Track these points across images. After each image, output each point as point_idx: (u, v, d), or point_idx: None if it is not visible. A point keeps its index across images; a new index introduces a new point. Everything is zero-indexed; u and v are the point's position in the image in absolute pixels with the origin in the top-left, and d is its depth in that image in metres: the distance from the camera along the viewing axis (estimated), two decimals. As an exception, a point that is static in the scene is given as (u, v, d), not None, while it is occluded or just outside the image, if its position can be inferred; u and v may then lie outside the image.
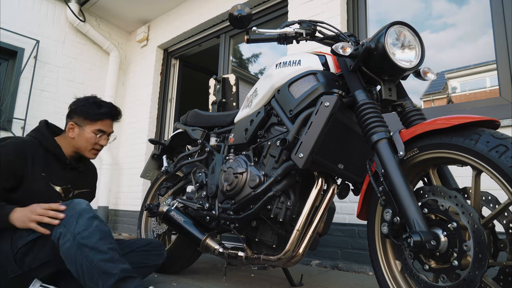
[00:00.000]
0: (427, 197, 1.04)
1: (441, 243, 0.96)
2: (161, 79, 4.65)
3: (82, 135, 1.61)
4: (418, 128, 1.07)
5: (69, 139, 1.61)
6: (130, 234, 4.01)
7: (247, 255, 1.47)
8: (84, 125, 1.62)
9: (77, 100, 1.66)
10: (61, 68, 4.41)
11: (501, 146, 0.87)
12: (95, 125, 1.63)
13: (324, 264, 2.46)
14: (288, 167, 1.34)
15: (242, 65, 5.52)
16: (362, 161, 1.37)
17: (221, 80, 2.90)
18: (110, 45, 4.75)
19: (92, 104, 1.64)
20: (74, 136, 1.61)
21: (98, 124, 1.64)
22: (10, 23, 3.97)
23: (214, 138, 1.94)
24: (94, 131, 1.63)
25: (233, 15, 1.38)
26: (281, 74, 1.48)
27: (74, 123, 1.62)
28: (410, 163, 1.11)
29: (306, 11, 2.97)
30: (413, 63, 1.21)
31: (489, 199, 0.99)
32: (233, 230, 1.58)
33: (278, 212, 1.37)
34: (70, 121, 1.63)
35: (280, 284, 1.86)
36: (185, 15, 4.25)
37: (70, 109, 1.65)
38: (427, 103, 7.21)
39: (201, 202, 1.74)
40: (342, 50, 1.20)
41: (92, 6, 4.54)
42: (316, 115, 1.24)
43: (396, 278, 1.16)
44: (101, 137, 1.66)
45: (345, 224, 2.43)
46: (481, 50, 2.37)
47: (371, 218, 1.23)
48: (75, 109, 1.63)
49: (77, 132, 1.61)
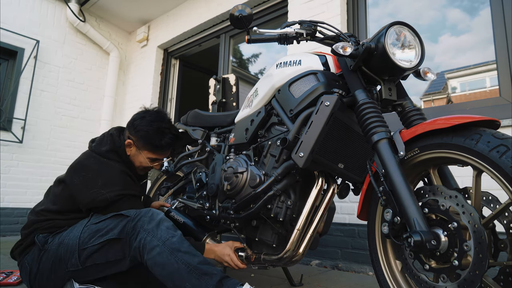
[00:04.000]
0: (428, 197, 1.04)
1: (441, 243, 0.96)
2: (161, 79, 4.65)
3: (137, 157, 1.62)
4: (418, 128, 1.07)
5: None
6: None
7: (247, 254, 1.47)
8: (142, 149, 1.60)
9: (142, 117, 1.62)
10: (61, 68, 4.41)
11: (501, 146, 0.87)
12: (152, 154, 1.63)
13: (324, 264, 2.46)
14: (289, 167, 1.35)
15: (242, 65, 5.52)
16: (362, 161, 1.37)
17: (221, 80, 2.90)
18: (110, 45, 4.75)
19: (155, 132, 1.59)
20: (130, 154, 1.61)
21: (156, 154, 1.64)
22: (10, 23, 3.97)
23: (214, 138, 1.94)
24: (151, 158, 1.63)
25: (234, 15, 1.38)
26: (282, 74, 1.48)
27: (133, 143, 1.60)
28: (410, 163, 1.12)
29: (306, 11, 2.98)
30: (413, 63, 1.21)
31: (490, 199, 1.00)
32: (233, 229, 1.58)
33: (278, 212, 1.37)
34: (130, 137, 1.61)
35: (280, 284, 1.86)
36: (185, 15, 4.25)
37: (133, 124, 1.61)
38: (427, 103, 7.21)
39: (201, 201, 1.74)
40: (342, 50, 1.20)
41: (92, 6, 4.54)
42: (317, 114, 1.24)
43: (396, 278, 1.16)
44: (155, 162, 1.67)
45: (345, 224, 2.43)
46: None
47: (371, 218, 1.23)
48: (138, 130, 1.59)
49: (133, 152, 1.61)
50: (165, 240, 1.27)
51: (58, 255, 1.37)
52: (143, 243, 1.28)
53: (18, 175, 3.92)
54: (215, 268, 1.25)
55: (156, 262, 1.25)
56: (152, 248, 1.26)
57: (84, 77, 4.63)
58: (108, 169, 1.50)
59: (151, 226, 1.30)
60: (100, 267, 1.35)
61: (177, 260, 1.23)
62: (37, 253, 1.41)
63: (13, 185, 3.87)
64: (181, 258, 1.24)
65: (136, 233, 1.31)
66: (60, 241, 1.39)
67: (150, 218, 1.33)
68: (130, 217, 1.35)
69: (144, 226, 1.31)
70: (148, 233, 1.29)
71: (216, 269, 1.25)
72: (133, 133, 1.60)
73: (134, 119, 1.63)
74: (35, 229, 1.45)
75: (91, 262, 1.34)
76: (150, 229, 1.29)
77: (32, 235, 1.45)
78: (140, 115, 1.64)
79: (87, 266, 1.34)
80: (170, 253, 1.24)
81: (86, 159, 1.53)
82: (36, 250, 1.42)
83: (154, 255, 1.25)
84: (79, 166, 1.50)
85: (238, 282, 1.23)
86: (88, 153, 1.58)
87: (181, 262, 1.23)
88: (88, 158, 1.53)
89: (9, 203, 3.82)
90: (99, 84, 4.79)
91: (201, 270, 1.22)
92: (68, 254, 1.35)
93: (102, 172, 1.47)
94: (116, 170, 1.51)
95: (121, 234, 1.33)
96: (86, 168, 1.48)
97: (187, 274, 1.21)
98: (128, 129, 1.63)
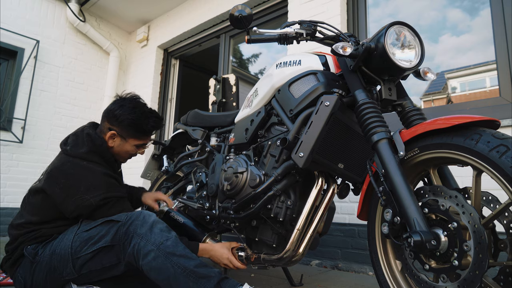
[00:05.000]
0: (428, 197, 1.04)
1: (441, 243, 0.96)
2: (161, 79, 4.66)
3: (123, 147, 1.57)
4: (418, 128, 1.07)
5: None
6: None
7: (247, 254, 1.47)
8: (127, 137, 1.55)
9: (121, 105, 1.55)
10: (61, 68, 4.41)
11: (501, 146, 0.87)
12: (139, 141, 1.59)
13: (324, 264, 2.46)
14: (289, 167, 1.34)
15: (242, 65, 5.52)
16: (362, 161, 1.37)
17: (221, 80, 2.90)
18: (110, 45, 4.75)
19: (140, 117, 1.53)
20: (114, 145, 1.55)
21: (142, 140, 1.60)
22: (10, 23, 3.97)
23: (214, 138, 1.94)
24: (137, 144, 1.59)
25: (234, 16, 1.38)
26: (282, 74, 1.48)
27: (117, 134, 1.53)
28: (410, 163, 1.12)
29: (306, 11, 2.97)
30: (413, 63, 1.21)
31: (490, 199, 1.00)
32: (233, 229, 1.58)
33: (278, 212, 1.37)
34: (111, 129, 1.53)
35: (280, 284, 1.86)
36: (185, 15, 4.25)
37: (114, 115, 1.53)
38: (427, 103, 7.20)
39: (201, 201, 1.74)
40: (342, 50, 1.20)
41: (92, 6, 4.54)
42: (316, 114, 1.24)
43: (396, 278, 1.16)
44: (140, 148, 1.63)
45: (345, 224, 2.43)
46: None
47: (371, 218, 1.23)
48: (121, 119, 1.52)
49: (117, 143, 1.55)
50: (159, 244, 1.24)
51: (51, 266, 1.33)
52: (137, 249, 1.25)
53: (18, 175, 3.92)
54: (213, 270, 1.23)
55: (152, 267, 1.22)
56: (146, 253, 1.23)
57: (84, 77, 4.63)
58: (89, 173, 1.42)
59: (144, 230, 1.27)
60: (96, 272, 1.33)
61: (172, 264, 1.21)
62: (28, 266, 1.37)
63: (13, 185, 3.87)
64: (176, 262, 1.21)
65: (129, 238, 1.27)
66: (52, 251, 1.34)
67: (142, 221, 1.30)
68: (122, 222, 1.32)
69: (137, 231, 1.27)
70: (142, 238, 1.26)
71: (214, 271, 1.22)
72: (116, 123, 1.53)
73: (113, 110, 1.54)
74: (21, 243, 1.40)
75: (86, 269, 1.31)
76: (143, 234, 1.26)
77: (20, 248, 1.39)
78: (118, 104, 1.56)
79: (83, 273, 1.32)
80: (165, 257, 1.22)
81: (63, 165, 1.43)
82: (27, 263, 1.37)
83: (149, 260, 1.22)
84: (57, 173, 1.41)
85: (237, 283, 1.22)
86: (63, 157, 1.46)
87: (177, 266, 1.21)
88: (65, 163, 1.43)
89: (9, 203, 3.82)
90: (99, 84, 4.79)
91: (198, 274, 1.20)
92: (62, 264, 1.32)
93: (82, 176, 1.40)
94: (98, 173, 1.43)
95: (114, 240, 1.29)
96: (65, 175, 1.40)
97: (184, 278, 1.19)
98: (109, 120, 1.54)
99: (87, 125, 1.59)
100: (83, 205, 1.37)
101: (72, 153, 1.45)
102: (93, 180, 1.41)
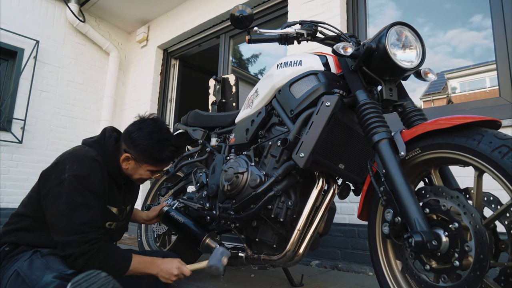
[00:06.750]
0: (429, 197, 1.04)
1: (442, 243, 0.96)
2: (161, 79, 4.65)
3: (137, 170, 1.48)
4: (419, 128, 1.07)
5: None
6: (130, 235, 4.00)
7: (247, 255, 1.47)
8: (142, 162, 1.46)
9: (139, 128, 1.45)
10: (61, 69, 4.41)
11: (503, 147, 0.87)
12: (153, 167, 1.49)
13: (324, 264, 2.45)
14: (289, 167, 1.34)
15: (242, 66, 5.52)
16: (363, 161, 1.37)
17: (221, 81, 2.90)
18: (110, 45, 4.74)
19: (155, 145, 1.43)
20: (128, 168, 1.47)
21: (157, 167, 1.51)
22: (10, 23, 3.96)
23: (214, 139, 1.94)
24: (151, 170, 1.50)
25: (235, 16, 1.38)
26: (282, 74, 1.48)
27: (131, 157, 1.44)
28: (411, 163, 1.11)
29: (306, 11, 2.97)
30: (414, 63, 1.21)
31: (491, 200, 0.99)
32: (233, 230, 1.58)
33: (279, 212, 1.37)
34: (126, 151, 1.45)
35: (280, 285, 1.86)
36: (185, 15, 4.25)
37: (130, 137, 1.44)
38: (427, 103, 7.22)
39: (201, 202, 1.74)
40: (343, 50, 1.20)
41: (92, 7, 4.53)
42: (317, 115, 1.24)
43: (396, 278, 1.16)
44: (156, 174, 1.54)
45: (345, 225, 2.43)
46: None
47: (372, 218, 1.23)
48: (136, 144, 1.43)
49: (132, 165, 1.46)
50: None
51: None
52: None
53: (17, 175, 3.91)
54: None
55: None
56: None
57: (84, 77, 4.63)
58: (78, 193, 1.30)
59: None
60: None
61: None
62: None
63: (12, 186, 3.86)
64: None
65: None
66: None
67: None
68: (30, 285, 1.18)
69: None
70: None
71: None
72: (131, 146, 1.44)
73: (131, 132, 1.45)
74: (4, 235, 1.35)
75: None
76: None
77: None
78: (136, 126, 1.47)
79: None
80: None
81: (67, 162, 1.38)
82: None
83: None
84: (61, 164, 1.41)
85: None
86: (78, 152, 1.42)
87: None
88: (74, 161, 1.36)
89: (9, 203, 3.82)
90: (99, 84, 4.78)
91: None
92: None
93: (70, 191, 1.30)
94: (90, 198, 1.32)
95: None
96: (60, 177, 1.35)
97: None
98: (125, 142, 1.46)
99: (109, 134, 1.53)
100: None
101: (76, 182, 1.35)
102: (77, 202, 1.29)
